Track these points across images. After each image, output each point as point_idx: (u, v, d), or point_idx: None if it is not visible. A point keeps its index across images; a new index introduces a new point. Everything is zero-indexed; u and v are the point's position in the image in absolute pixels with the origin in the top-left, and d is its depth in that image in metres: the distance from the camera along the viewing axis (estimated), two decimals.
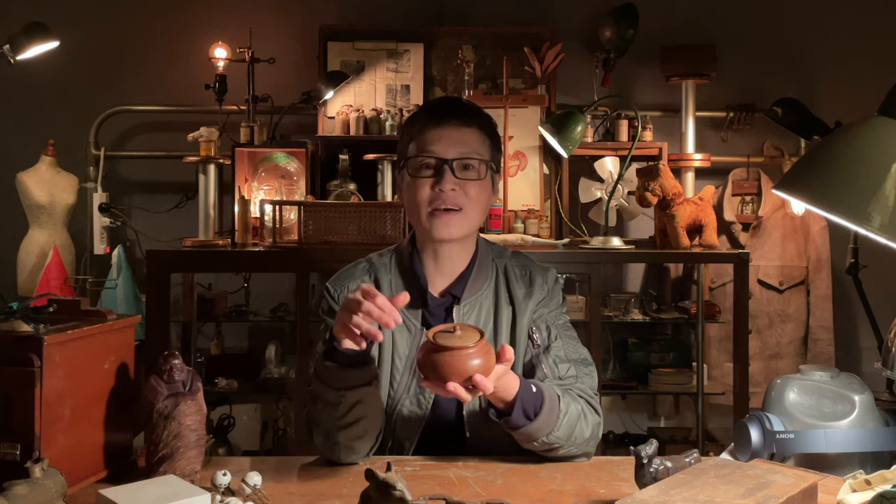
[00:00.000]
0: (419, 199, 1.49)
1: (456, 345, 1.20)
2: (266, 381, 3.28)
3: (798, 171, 1.07)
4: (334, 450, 1.40)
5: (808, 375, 1.40)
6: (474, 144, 1.51)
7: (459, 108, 1.54)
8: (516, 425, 1.35)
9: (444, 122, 1.50)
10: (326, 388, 1.34)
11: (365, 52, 3.47)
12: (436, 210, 1.48)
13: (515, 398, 1.34)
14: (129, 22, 3.57)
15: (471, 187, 1.49)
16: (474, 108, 1.56)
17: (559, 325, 1.56)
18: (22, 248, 3.36)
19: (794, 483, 1.13)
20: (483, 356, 1.21)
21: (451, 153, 1.48)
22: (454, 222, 1.49)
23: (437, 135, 1.49)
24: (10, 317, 1.27)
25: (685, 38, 3.46)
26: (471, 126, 1.52)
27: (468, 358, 1.19)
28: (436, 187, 1.48)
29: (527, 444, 1.39)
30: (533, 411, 1.34)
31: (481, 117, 1.55)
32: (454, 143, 1.49)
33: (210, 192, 2.93)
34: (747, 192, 3.56)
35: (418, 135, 1.51)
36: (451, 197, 1.47)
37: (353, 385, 1.33)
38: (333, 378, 1.33)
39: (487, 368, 1.21)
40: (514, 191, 3.37)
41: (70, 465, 1.23)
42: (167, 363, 1.30)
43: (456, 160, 1.48)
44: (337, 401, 1.33)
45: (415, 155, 1.50)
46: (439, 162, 1.48)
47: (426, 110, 1.56)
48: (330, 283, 1.58)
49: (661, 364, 3.30)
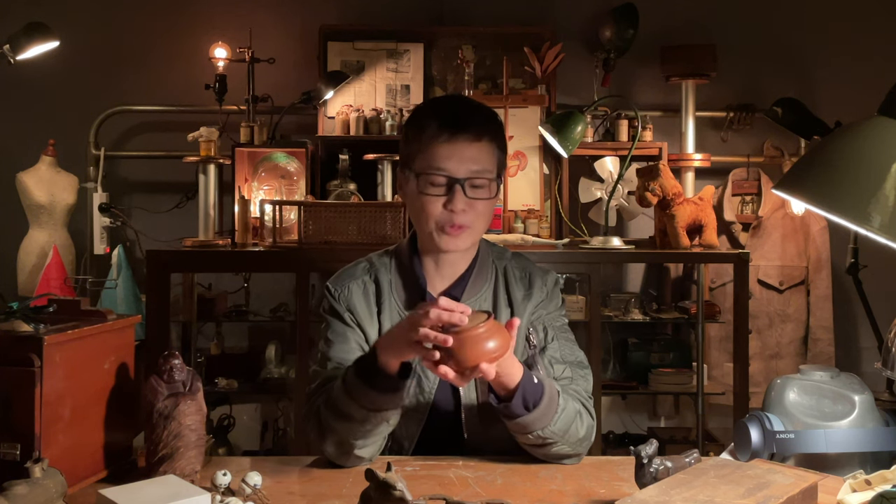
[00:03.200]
0: (428, 215, 1.47)
1: (467, 326, 1.21)
2: (266, 381, 3.28)
3: (798, 171, 1.07)
4: (344, 458, 1.40)
5: (808, 375, 1.40)
6: (485, 161, 1.47)
7: (470, 118, 1.49)
8: (514, 414, 1.35)
9: (455, 138, 1.45)
10: (355, 406, 1.32)
11: (365, 52, 3.47)
12: (444, 226, 1.47)
13: (517, 386, 1.33)
14: (129, 22, 3.57)
15: (480, 204, 1.48)
16: (484, 114, 1.51)
17: (557, 326, 1.55)
18: (22, 248, 3.36)
19: (794, 483, 1.13)
20: (496, 335, 1.22)
21: (463, 172, 1.45)
22: (462, 237, 1.48)
23: (448, 151, 1.45)
24: (10, 317, 1.27)
25: (685, 38, 3.46)
26: (482, 139, 1.47)
27: (481, 339, 1.20)
28: (447, 206, 1.45)
29: (521, 435, 1.39)
30: (532, 402, 1.34)
31: (492, 125, 1.51)
32: (465, 161, 1.45)
33: (210, 192, 2.93)
34: (747, 192, 3.56)
35: (427, 147, 1.46)
36: (461, 217, 1.46)
37: (385, 409, 1.33)
38: (366, 399, 1.31)
39: (503, 347, 1.22)
40: (514, 191, 3.37)
41: (70, 465, 1.23)
42: (167, 363, 1.30)
43: (468, 179, 1.45)
44: (363, 419, 1.33)
45: (425, 171, 1.46)
46: (450, 181, 1.45)
47: (436, 116, 1.49)
48: (330, 283, 1.58)
49: (661, 364, 3.30)
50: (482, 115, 1.51)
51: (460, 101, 1.58)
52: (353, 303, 1.53)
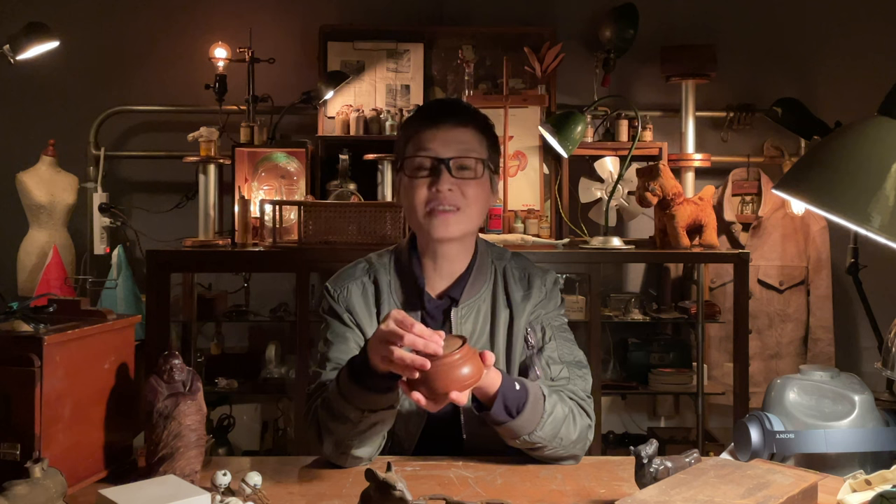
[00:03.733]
0: (417, 200, 1.48)
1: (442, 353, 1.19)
2: (266, 381, 3.29)
3: (798, 171, 1.07)
4: (343, 458, 1.40)
5: (808, 375, 1.40)
6: (471, 143, 1.50)
7: (455, 109, 1.54)
8: (496, 420, 1.35)
9: (440, 122, 1.49)
10: (349, 407, 1.32)
11: (365, 52, 3.47)
12: (433, 210, 1.47)
13: (497, 393, 1.33)
14: (129, 22, 3.58)
15: (468, 187, 1.48)
16: (470, 108, 1.56)
17: (555, 326, 1.55)
18: (22, 248, 3.36)
19: (794, 483, 1.13)
20: (470, 362, 1.20)
21: (448, 152, 1.47)
22: (452, 221, 1.48)
23: (432, 134, 1.48)
24: (10, 317, 1.27)
25: (685, 38, 3.46)
26: (467, 126, 1.51)
27: (454, 366, 1.18)
28: (433, 187, 1.47)
29: (510, 440, 1.39)
30: (515, 408, 1.34)
31: (478, 118, 1.55)
32: (450, 143, 1.48)
33: (210, 192, 2.93)
34: (747, 192, 3.56)
35: (414, 135, 1.50)
36: (448, 197, 1.47)
37: (379, 408, 1.33)
38: (359, 400, 1.31)
39: (477, 374, 1.21)
40: (514, 191, 3.37)
41: (70, 465, 1.23)
42: (167, 363, 1.30)
43: (452, 159, 1.47)
44: (358, 419, 1.32)
45: (412, 155, 1.49)
46: (436, 161, 1.47)
47: (422, 111, 1.56)
48: (330, 283, 1.58)
49: (661, 364, 3.30)
50: (469, 108, 1.56)
51: (449, 98, 1.61)
52: (352, 303, 1.53)
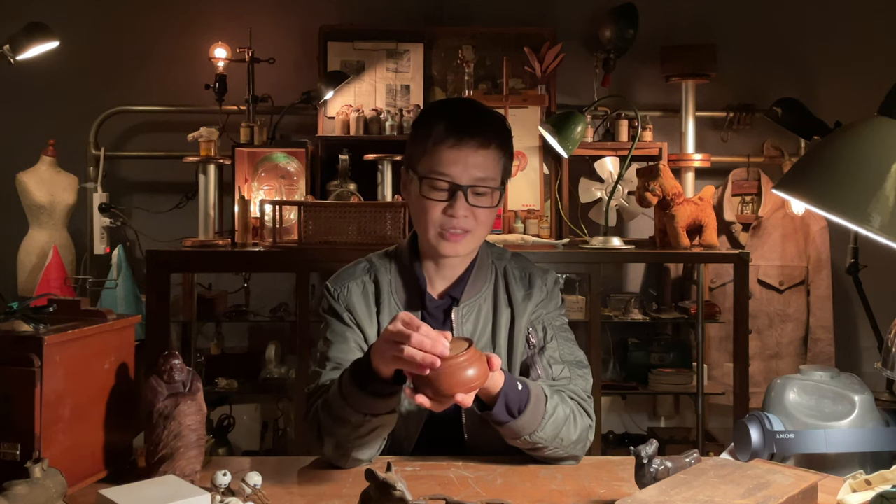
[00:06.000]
0: (429, 218, 1.47)
1: (448, 354, 1.18)
2: (266, 381, 3.28)
3: (798, 171, 1.07)
4: (343, 459, 1.40)
5: (808, 375, 1.40)
6: (490, 169, 1.47)
7: (479, 124, 1.48)
8: (498, 420, 1.35)
9: (462, 143, 1.45)
10: (351, 411, 1.31)
11: (365, 52, 3.47)
12: (444, 232, 1.47)
13: (499, 393, 1.33)
14: (129, 22, 3.57)
15: (481, 212, 1.48)
16: (494, 121, 1.50)
17: (556, 326, 1.55)
18: (22, 248, 3.36)
19: (794, 483, 1.13)
20: (475, 364, 1.20)
21: (466, 178, 1.45)
22: (462, 243, 1.48)
23: (453, 156, 1.44)
24: (10, 317, 1.27)
25: (685, 38, 3.46)
26: (489, 147, 1.46)
27: (460, 368, 1.18)
28: (448, 211, 1.45)
29: (511, 440, 1.39)
30: (517, 409, 1.34)
31: (501, 133, 1.50)
32: (470, 168, 1.45)
33: (210, 192, 2.93)
34: (747, 192, 3.56)
35: (433, 150, 1.46)
36: (461, 222, 1.46)
37: (380, 413, 1.32)
38: (361, 404, 1.30)
39: (482, 376, 1.20)
40: (514, 191, 3.37)
41: (70, 465, 1.22)
42: (167, 363, 1.30)
43: (471, 187, 1.45)
44: (360, 423, 1.32)
45: (428, 175, 1.46)
46: (453, 186, 1.45)
47: (444, 119, 1.47)
48: (330, 283, 1.57)
49: (661, 364, 3.30)
50: (492, 121, 1.50)
51: (471, 105, 1.56)
52: (352, 303, 1.53)
